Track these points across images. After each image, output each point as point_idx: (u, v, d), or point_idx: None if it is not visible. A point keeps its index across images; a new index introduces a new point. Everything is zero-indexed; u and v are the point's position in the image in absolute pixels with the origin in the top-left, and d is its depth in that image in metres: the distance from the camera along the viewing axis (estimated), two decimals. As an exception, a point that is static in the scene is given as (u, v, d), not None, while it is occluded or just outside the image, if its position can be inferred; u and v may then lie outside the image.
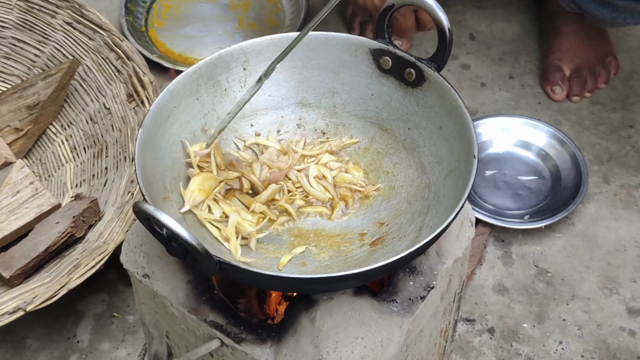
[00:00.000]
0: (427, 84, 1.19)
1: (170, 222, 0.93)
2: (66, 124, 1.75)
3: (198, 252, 0.95)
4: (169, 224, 0.93)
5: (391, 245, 1.14)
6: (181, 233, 0.94)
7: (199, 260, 0.97)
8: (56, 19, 1.78)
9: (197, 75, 1.19)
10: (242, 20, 2.06)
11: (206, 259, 0.96)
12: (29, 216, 1.59)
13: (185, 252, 0.98)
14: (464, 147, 1.13)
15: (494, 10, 2.09)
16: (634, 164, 1.82)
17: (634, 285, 1.65)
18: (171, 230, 0.94)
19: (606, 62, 1.94)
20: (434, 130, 1.19)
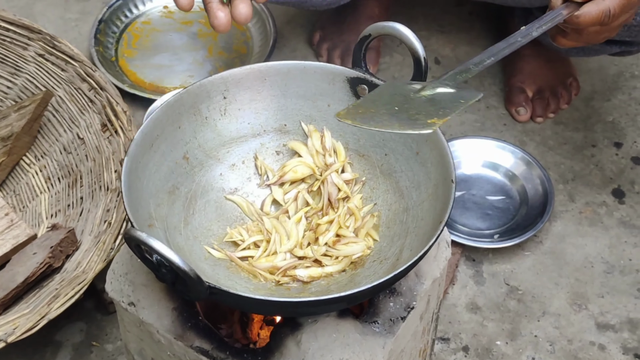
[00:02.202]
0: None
1: (162, 248, 0.95)
2: (40, 154, 1.75)
3: (190, 277, 0.97)
4: (161, 250, 0.95)
5: (372, 269, 1.17)
6: (173, 259, 0.96)
7: (189, 285, 0.99)
8: (28, 51, 1.79)
9: (179, 104, 1.21)
10: (212, 49, 2.07)
11: (197, 284, 0.98)
12: (5, 247, 1.58)
13: (175, 278, 1.00)
14: (441, 172, 1.16)
15: (457, 34, 2.13)
16: (598, 182, 1.85)
17: (602, 301, 1.68)
18: (163, 256, 0.96)
19: (567, 83, 1.97)
20: (410, 155, 1.22)
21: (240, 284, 1.14)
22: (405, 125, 1.03)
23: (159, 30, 2.12)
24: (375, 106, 1.08)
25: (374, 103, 1.09)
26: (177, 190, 1.21)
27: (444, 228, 1.10)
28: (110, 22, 2.11)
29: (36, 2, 2.19)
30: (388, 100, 1.08)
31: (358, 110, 1.08)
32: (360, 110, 1.08)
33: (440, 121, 1.02)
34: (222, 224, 1.23)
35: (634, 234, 1.77)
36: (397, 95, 1.09)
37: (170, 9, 2.15)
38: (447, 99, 1.06)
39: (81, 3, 2.18)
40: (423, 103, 1.06)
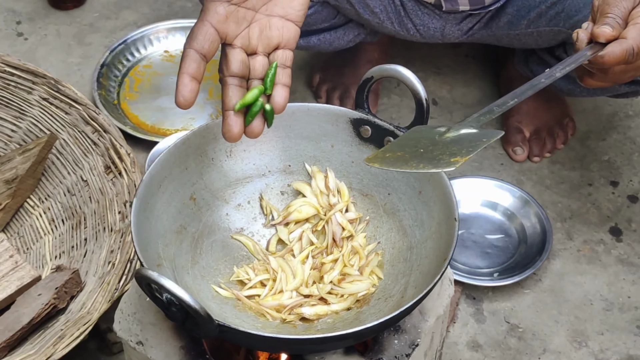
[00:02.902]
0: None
1: (173, 287, 0.97)
2: (44, 196, 1.76)
3: (200, 315, 0.98)
4: (171, 289, 0.97)
5: (377, 306, 1.18)
6: (184, 297, 0.97)
7: (199, 323, 1.00)
8: (32, 95, 1.80)
9: (186, 146, 1.23)
10: (212, 91, 2.09)
11: (207, 322, 0.99)
12: (10, 289, 1.59)
13: (185, 316, 1.01)
14: (444, 210, 1.17)
15: (454, 76, 2.15)
16: (595, 220, 1.86)
17: (602, 338, 1.68)
18: (174, 295, 0.97)
19: (563, 123, 1.98)
20: (413, 194, 1.24)
21: (248, 322, 1.16)
22: (429, 165, 1.06)
23: (160, 73, 2.14)
24: (401, 150, 1.10)
25: (401, 147, 1.11)
26: (185, 230, 1.22)
27: (447, 266, 1.11)
28: (112, 66, 2.13)
29: (39, 46, 2.21)
30: (414, 144, 1.10)
31: (385, 154, 1.11)
32: (387, 154, 1.11)
33: (463, 159, 1.05)
34: (228, 263, 1.25)
35: (632, 272, 1.78)
36: (423, 139, 1.11)
37: (171, 53, 2.18)
38: (470, 138, 1.08)
39: (83, 47, 2.21)
40: (447, 144, 1.08)
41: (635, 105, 2.08)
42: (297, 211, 1.27)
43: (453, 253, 1.11)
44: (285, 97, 1.10)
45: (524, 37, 1.79)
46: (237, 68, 1.09)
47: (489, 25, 1.82)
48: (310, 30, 1.81)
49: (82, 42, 2.22)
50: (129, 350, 1.22)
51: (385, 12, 1.82)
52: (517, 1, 1.75)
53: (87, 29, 2.25)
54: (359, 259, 1.24)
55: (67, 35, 2.23)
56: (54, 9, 2.29)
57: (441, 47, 2.16)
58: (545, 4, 1.71)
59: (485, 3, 1.75)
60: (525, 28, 1.77)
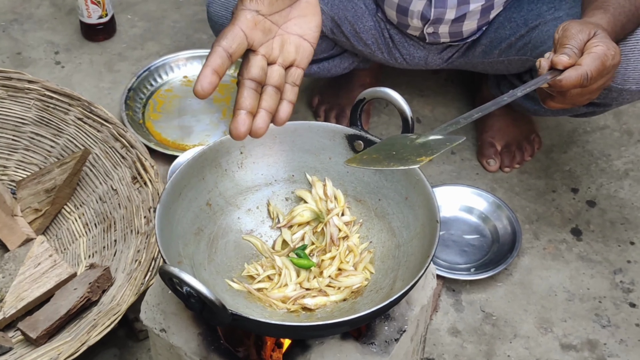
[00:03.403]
0: None
1: (192, 281, 0.97)
2: (79, 203, 1.76)
3: (215, 305, 0.98)
4: (191, 282, 0.97)
5: (369, 297, 1.18)
6: (201, 290, 0.97)
7: (215, 312, 1.00)
8: (69, 115, 1.81)
9: (203, 159, 1.23)
10: (225, 112, 2.09)
11: (222, 312, 0.99)
12: (49, 284, 1.59)
13: (202, 306, 1.01)
14: (427, 214, 1.18)
15: (435, 98, 2.15)
16: (558, 223, 1.87)
17: (565, 325, 1.68)
18: (193, 288, 0.97)
19: (531, 138, 1.99)
20: (400, 200, 1.24)
21: (257, 311, 1.16)
22: (398, 163, 1.07)
23: (180, 96, 2.14)
24: (377, 153, 1.11)
25: (377, 151, 1.12)
26: (202, 232, 1.22)
27: (430, 262, 1.11)
28: (138, 90, 2.13)
29: (74, 73, 2.21)
30: (389, 148, 1.11)
31: (363, 156, 1.12)
32: (364, 156, 1.12)
33: (427, 158, 1.06)
34: (240, 261, 1.24)
35: (590, 267, 1.78)
36: (396, 144, 1.12)
37: (189, 78, 2.18)
38: (436, 143, 1.09)
39: (113, 74, 2.21)
40: (416, 147, 1.09)
41: (592, 123, 2.08)
42: (299, 215, 1.27)
43: (435, 251, 1.11)
44: (287, 112, 1.09)
45: (496, 65, 1.80)
46: (256, 73, 1.06)
47: (466, 54, 1.82)
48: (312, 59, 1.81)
49: (111, 70, 2.22)
50: (153, 337, 1.22)
51: (376, 43, 1.83)
52: (491, 34, 1.76)
53: (116, 58, 2.26)
54: (354, 256, 1.24)
55: (99, 64, 2.24)
56: (88, 41, 2.30)
57: (424, 72, 2.17)
58: (515, 37, 1.72)
59: (463, 36, 1.76)
60: (498, 57, 1.77)
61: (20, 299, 1.57)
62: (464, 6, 1.68)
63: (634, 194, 1.92)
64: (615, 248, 1.81)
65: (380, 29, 1.81)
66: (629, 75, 1.52)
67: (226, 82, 2.16)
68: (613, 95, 1.57)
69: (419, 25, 1.74)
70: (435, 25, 1.72)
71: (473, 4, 1.68)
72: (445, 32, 1.74)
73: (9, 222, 1.69)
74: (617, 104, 1.61)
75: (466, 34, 1.76)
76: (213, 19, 1.72)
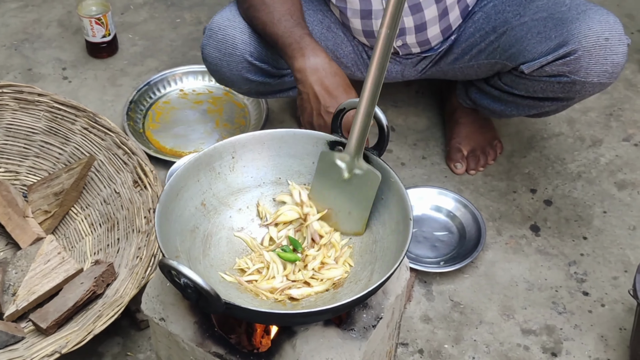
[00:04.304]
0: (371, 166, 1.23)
1: (189, 273, 0.97)
2: (85, 205, 1.75)
3: (210, 295, 0.98)
4: (188, 274, 0.96)
5: (349, 288, 1.18)
6: (198, 281, 0.97)
7: (209, 302, 1.00)
8: (75, 125, 1.79)
9: (198, 163, 1.22)
10: (218, 122, 2.08)
11: (216, 301, 0.99)
12: (58, 279, 1.58)
13: (198, 296, 1.01)
14: (401, 212, 1.17)
15: (407, 108, 2.15)
16: (519, 220, 1.87)
17: (525, 312, 1.68)
18: (190, 279, 0.97)
19: (494, 144, 1.99)
20: (377, 200, 1.23)
21: (247, 301, 1.15)
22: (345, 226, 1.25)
23: (177, 108, 2.13)
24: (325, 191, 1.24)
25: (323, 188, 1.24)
26: (197, 229, 1.22)
27: (404, 256, 1.11)
28: (139, 102, 2.12)
29: (80, 88, 2.20)
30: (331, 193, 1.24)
31: (314, 191, 1.26)
32: (315, 192, 1.26)
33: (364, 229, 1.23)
34: (232, 256, 1.24)
35: (547, 260, 1.79)
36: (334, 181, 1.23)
37: (185, 92, 2.17)
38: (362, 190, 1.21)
39: (115, 88, 2.20)
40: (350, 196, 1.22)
41: (548, 130, 2.09)
42: (283, 215, 1.27)
43: (409, 246, 1.12)
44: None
45: (467, 70, 1.80)
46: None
47: (438, 63, 1.83)
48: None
49: (114, 84, 2.21)
50: (153, 325, 1.21)
51: (356, 65, 1.83)
52: (462, 44, 1.77)
53: (119, 73, 2.25)
54: (335, 251, 1.24)
55: (103, 79, 2.23)
56: (92, 58, 2.29)
57: (397, 85, 2.17)
58: (484, 43, 1.72)
59: (432, 44, 1.77)
60: (468, 62, 1.78)
61: (31, 292, 1.56)
62: (419, 14, 1.68)
63: (586, 193, 1.93)
64: (569, 242, 1.82)
65: (359, 52, 1.81)
66: (591, 69, 1.54)
67: (219, 95, 2.16)
68: (576, 89, 1.59)
69: None
70: (401, 37, 1.72)
71: (427, 9, 1.68)
72: (414, 42, 1.74)
73: (21, 222, 1.68)
74: (579, 97, 1.63)
75: (434, 43, 1.76)
76: (207, 60, 1.70)
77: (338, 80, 1.49)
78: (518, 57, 1.64)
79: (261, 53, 1.66)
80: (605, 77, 1.56)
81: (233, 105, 2.13)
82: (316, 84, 1.48)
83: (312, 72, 1.48)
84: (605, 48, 1.52)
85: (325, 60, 1.49)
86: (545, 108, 1.72)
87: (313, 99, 1.49)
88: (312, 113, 1.50)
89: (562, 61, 1.56)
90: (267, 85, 1.74)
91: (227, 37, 1.64)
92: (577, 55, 1.54)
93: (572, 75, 1.56)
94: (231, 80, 1.71)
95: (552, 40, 1.57)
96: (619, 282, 1.73)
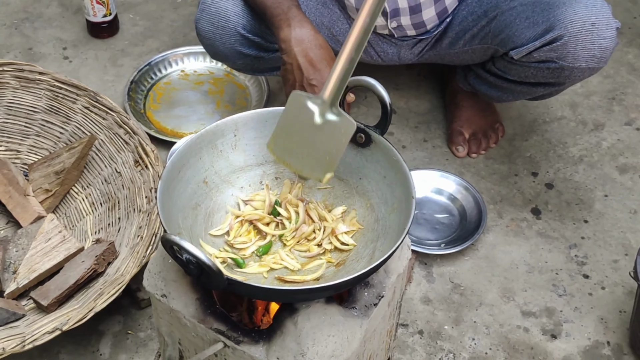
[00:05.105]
0: (373, 144, 1.23)
1: (191, 248, 0.97)
2: (86, 185, 1.75)
3: (213, 270, 0.98)
4: (190, 249, 0.97)
5: (351, 266, 1.18)
6: (200, 256, 0.97)
7: (211, 277, 1.00)
8: (76, 104, 1.79)
9: (200, 140, 1.22)
10: (219, 103, 2.08)
11: (218, 276, 0.99)
12: (59, 257, 1.58)
13: (200, 272, 1.01)
14: (404, 191, 1.18)
15: (409, 91, 2.15)
16: (520, 203, 1.87)
17: (525, 294, 1.69)
18: (192, 254, 0.97)
19: (495, 127, 1.99)
20: (379, 179, 1.24)
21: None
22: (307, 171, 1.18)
23: (178, 89, 2.13)
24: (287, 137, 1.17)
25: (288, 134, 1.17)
26: (199, 207, 1.22)
27: (406, 234, 1.12)
28: (140, 83, 2.11)
29: (81, 67, 2.19)
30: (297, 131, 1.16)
31: (277, 139, 1.18)
32: (279, 139, 1.18)
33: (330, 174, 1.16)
34: (234, 233, 1.24)
35: (548, 243, 1.79)
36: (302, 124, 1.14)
37: (186, 72, 2.17)
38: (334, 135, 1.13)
39: (116, 68, 2.19)
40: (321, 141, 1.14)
41: (550, 114, 2.09)
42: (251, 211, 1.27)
43: (411, 224, 1.12)
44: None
45: (462, 55, 1.80)
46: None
47: (435, 47, 1.82)
48: None
49: (115, 64, 2.21)
50: (155, 302, 1.22)
51: None
52: (455, 27, 1.76)
53: (120, 53, 2.24)
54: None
55: (104, 59, 2.22)
56: (93, 38, 2.28)
57: (399, 68, 2.17)
58: (477, 27, 1.72)
59: (427, 27, 1.76)
60: (463, 47, 1.78)
61: (32, 270, 1.56)
62: None
63: (587, 177, 1.93)
64: (570, 226, 1.82)
65: None
66: (578, 55, 1.54)
67: (220, 76, 2.15)
68: (565, 74, 1.59)
69: (382, 23, 1.74)
70: (396, 18, 1.72)
71: None
72: (409, 24, 1.73)
73: (22, 201, 1.68)
74: (570, 82, 1.63)
75: (429, 25, 1.76)
76: (201, 34, 1.70)
77: (322, 53, 1.48)
78: (508, 42, 1.64)
79: (254, 26, 1.66)
80: (593, 62, 1.55)
81: (234, 86, 2.13)
82: (300, 55, 1.47)
83: (297, 43, 1.47)
84: (592, 33, 1.52)
85: (311, 32, 1.49)
86: (539, 93, 1.72)
87: (296, 70, 1.48)
88: (295, 84, 1.50)
89: (550, 47, 1.55)
90: (261, 60, 1.74)
91: (219, 10, 1.64)
92: (563, 41, 1.53)
93: (560, 61, 1.56)
94: (225, 55, 1.71)
95: (539, 26, 1.57)
96: (619, 265, 1.74)
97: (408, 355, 1.58)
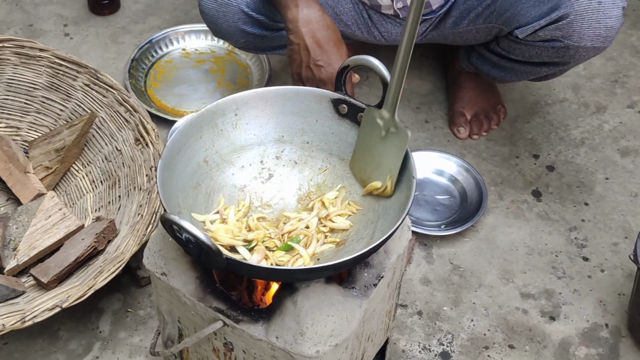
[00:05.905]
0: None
1: (190, 227, 0.96)
2: (86, 162, 1.75)
3: (212, 250, 0.98)
4: (189, 229, 0.96)
5: (352, 246, 1.18)
6: (199, 235, 0.97)
7: (211, 257, 1.00)
8: (77, 82, 1.78)
9: (201, 119, 1.22)
10: (220, 82, 2.07)
11: (218, 256, 0.99)
12: (59, 235, 1.59)
13: (199, 251, 1.01)
14: (405, 171, 1.17)
15: (411, 71, 2.12)
16: (520, 185, 1.87)
17: (524, 276, 1.70)
18: (191, 234, 0.97)
19: (497, 109, 1.98)
20: None
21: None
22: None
23: (179, 67, 2.12)
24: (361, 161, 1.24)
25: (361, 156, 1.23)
26: (199, 186, 1.22)
27: (407, 214, 1.11)
28: (141, 61, 2.11)
29: (82, 44, 2.18)
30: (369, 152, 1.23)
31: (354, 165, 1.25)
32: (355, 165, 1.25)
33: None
34: (234, 212, 1.24)
35: (548, 225, 1.79)
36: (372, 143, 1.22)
37: (187, 51, 2.16)
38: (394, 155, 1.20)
39: (117, 45, 2.18)
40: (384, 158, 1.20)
41: (552, 96, 2.08)
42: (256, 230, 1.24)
43: (411, 205, 1.11)
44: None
45: (466, 34, 1.79)
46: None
47: (438, 26, 1.81)
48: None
49: (116, 41, 2.19)
50: (155, 280, 1.22)
51: (356, 24, 1.81)
52: (460, 6, 1.75)
53: (120, 31, 2.23)
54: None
55: (104, 36, 2.21)
56: (94, 15, 2.26)
57: (401, 48, 2.15)
58: (481, 7, 1.71)
59: (432, 7, 1.75)
60: (467, 26, 1.76)
61: (32, 247, 1.56)
62: None
63: (588, 160, 1.93)
64: (571, 208, 1.82)
65: (359, 10, 1.80)
66: (584, 33, 1.53)
67: (221, 55, 2.14)
68: (570, 53, 1.58)
69: (388, 3, 1.73)
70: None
71: None
72: None
73: (22, 178, 1.68)
74: (574, 61, 1.62)
75: (435, 5, 1.74)
76: (204, 11, 1.69)
77: (330, 34, 1.47)
78: (513, 21, 1.63)
79: (257, 4, 1.65)
80: (599, 41, 1.55)
81: (235, 65, 2.12)
82: (307, 35, 1.46)
83: (304, 23, 1.47)
84: (598, 12, 1.51)
85: (319, 12, 1.48)
86: (543, 73, 1.71)
87: (303, 51, 1.48)
88: (302, 65, 1.49)
89: (555, 25, 1.54)
90: (264, 38, 1.73)
91: None
92: (569, 19, 1.52)
93: (565, 40, 1.55)
94: (228, 33, 1.70)
95: (544, 4, 1.56)
96: (619, 248, 1.74)
97: (407, 336, 1.58)
